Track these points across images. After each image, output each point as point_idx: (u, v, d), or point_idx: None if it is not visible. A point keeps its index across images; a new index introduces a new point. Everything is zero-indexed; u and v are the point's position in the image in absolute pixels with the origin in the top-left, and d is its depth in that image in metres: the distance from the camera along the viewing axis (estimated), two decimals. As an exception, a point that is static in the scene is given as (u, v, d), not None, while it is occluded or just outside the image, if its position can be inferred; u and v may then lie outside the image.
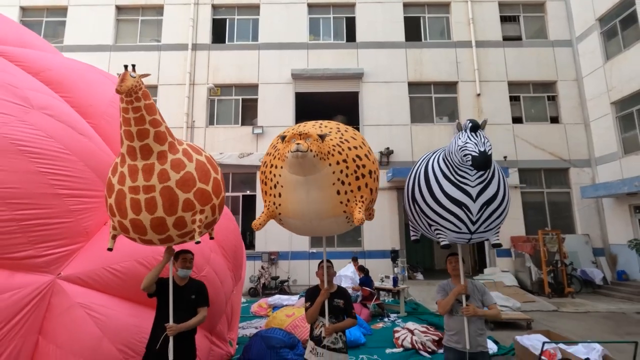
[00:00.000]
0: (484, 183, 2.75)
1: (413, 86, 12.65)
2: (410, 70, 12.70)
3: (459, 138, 2.75)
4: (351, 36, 13.13)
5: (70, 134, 3.53)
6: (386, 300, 8.87)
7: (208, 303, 3.18)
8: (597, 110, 11.96)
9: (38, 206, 3.03)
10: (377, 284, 8.35)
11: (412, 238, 3.46)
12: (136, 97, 2.22)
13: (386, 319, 7.51)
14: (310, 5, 13.24)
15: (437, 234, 2.99)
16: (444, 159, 2.91)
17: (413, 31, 13.19)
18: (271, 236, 11.48)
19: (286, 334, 5.20)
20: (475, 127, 2.72)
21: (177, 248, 3.05)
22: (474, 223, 2.79)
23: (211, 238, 3.19)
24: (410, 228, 3.52)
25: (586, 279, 10.77)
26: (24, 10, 13.08)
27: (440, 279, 12.08)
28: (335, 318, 3.25)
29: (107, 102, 4.45)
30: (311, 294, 3.38)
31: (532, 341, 4.35)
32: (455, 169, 2.79)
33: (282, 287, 10.83)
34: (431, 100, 12.74)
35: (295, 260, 11.49)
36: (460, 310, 2.98)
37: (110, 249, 2.63)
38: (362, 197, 2.77)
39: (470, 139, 2.67)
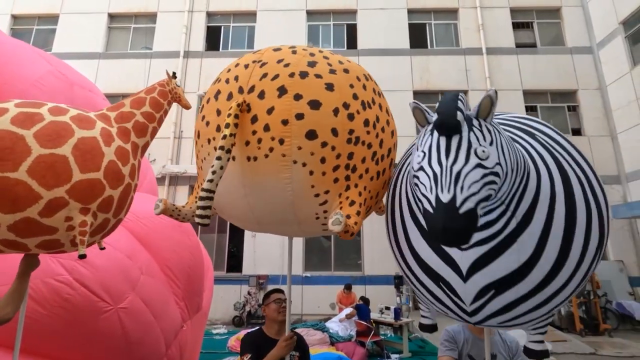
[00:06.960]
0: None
1: (419, 95, 11.68)
2: (415, 78, 11.79)
3: (419, 144, 1.29)
4: (352, 43, 12.38)
5: None
6: (388, 335, 7.53)
7: None
8: (625, 120, 10.76)
9: None
10: (375, 315, 7.01)
11: (425, 322, 2.01)
12: None
13: (386, 361, 6.19)
14: (309, 13, 12.61)
15: None
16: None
17: (418, 38, 12.38)
18: (261, 257, 10.31)
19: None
20: (451, 128, 1.16)
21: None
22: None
23: (101, 248, 2.05)
24: (419, 305, 2.10)
25: (623, 313, 9.20)
26: (15, 18, 12.76)
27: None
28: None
29: (31, 81, 3.54)
30: (252, 342, 2.23)
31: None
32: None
33: (270, 316, 9.53)
34: (439, 110, 11.72)
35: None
36: None
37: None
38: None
39: (429, 160, 1.18)
